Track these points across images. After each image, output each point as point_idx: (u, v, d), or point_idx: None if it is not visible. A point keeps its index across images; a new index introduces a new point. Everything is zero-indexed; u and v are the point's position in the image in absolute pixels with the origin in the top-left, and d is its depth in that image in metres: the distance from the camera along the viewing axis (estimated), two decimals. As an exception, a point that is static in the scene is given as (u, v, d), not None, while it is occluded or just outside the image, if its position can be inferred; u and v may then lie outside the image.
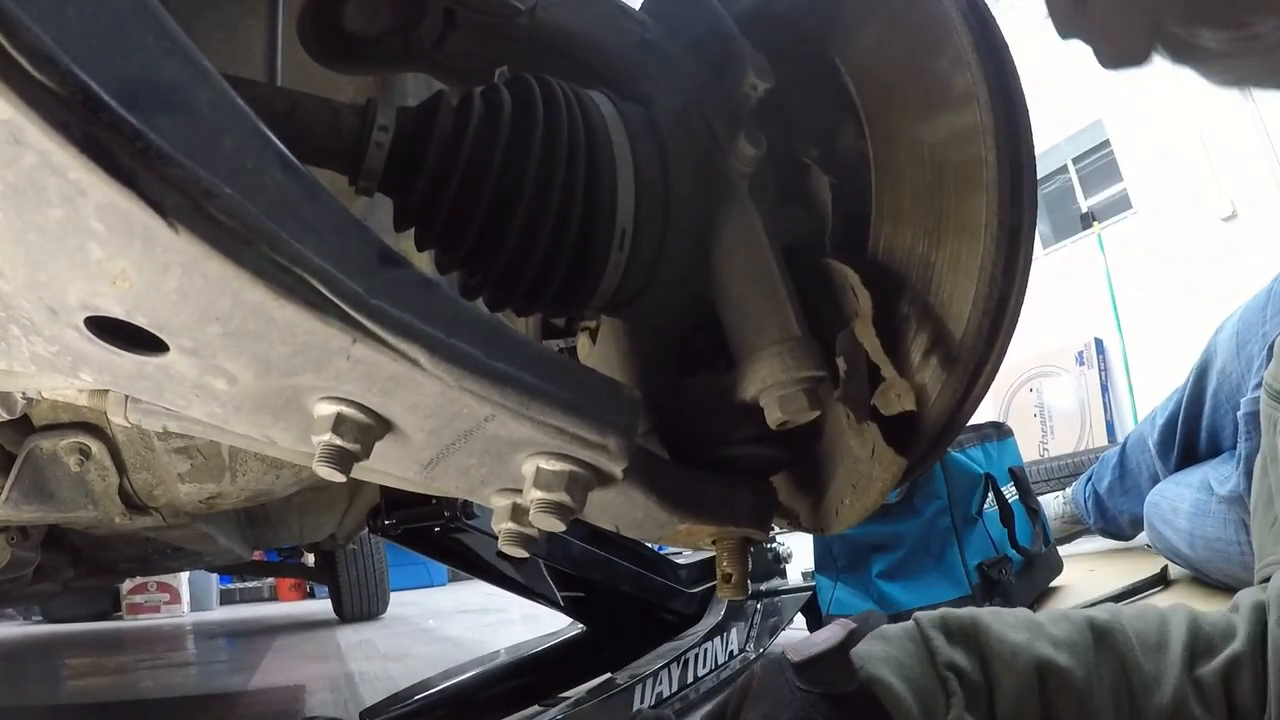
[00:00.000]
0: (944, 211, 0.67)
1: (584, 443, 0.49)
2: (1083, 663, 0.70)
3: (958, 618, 0.73)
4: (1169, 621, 0.75)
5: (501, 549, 0.55)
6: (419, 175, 0.60)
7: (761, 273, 0.66)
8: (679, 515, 0.61)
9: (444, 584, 6.60)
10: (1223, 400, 1.84)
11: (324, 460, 0.46)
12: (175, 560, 2.16)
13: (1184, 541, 1.81)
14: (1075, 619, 0.75)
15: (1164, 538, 1.91)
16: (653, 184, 0.65)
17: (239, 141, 0.40)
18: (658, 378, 0.73)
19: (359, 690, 2.29)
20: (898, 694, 0.67)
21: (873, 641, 0.71)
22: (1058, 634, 0.72)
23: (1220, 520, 1.67)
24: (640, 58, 0.70)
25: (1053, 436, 7.08)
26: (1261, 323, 1.66)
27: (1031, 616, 0.76)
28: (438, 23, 0.66)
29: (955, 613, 0.74)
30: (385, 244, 0.45)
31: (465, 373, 0.45)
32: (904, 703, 0.66)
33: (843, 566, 1.93)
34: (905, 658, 0.70)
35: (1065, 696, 0.69)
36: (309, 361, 0.43)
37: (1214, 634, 0.73)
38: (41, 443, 1.25)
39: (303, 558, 4.37)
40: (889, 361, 0.64)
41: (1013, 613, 0.76)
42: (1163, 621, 0.75)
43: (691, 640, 1.86)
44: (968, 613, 0.74)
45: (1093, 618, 0.74)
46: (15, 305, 0.45)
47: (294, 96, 0.59)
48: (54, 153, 0.35)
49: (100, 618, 5.91)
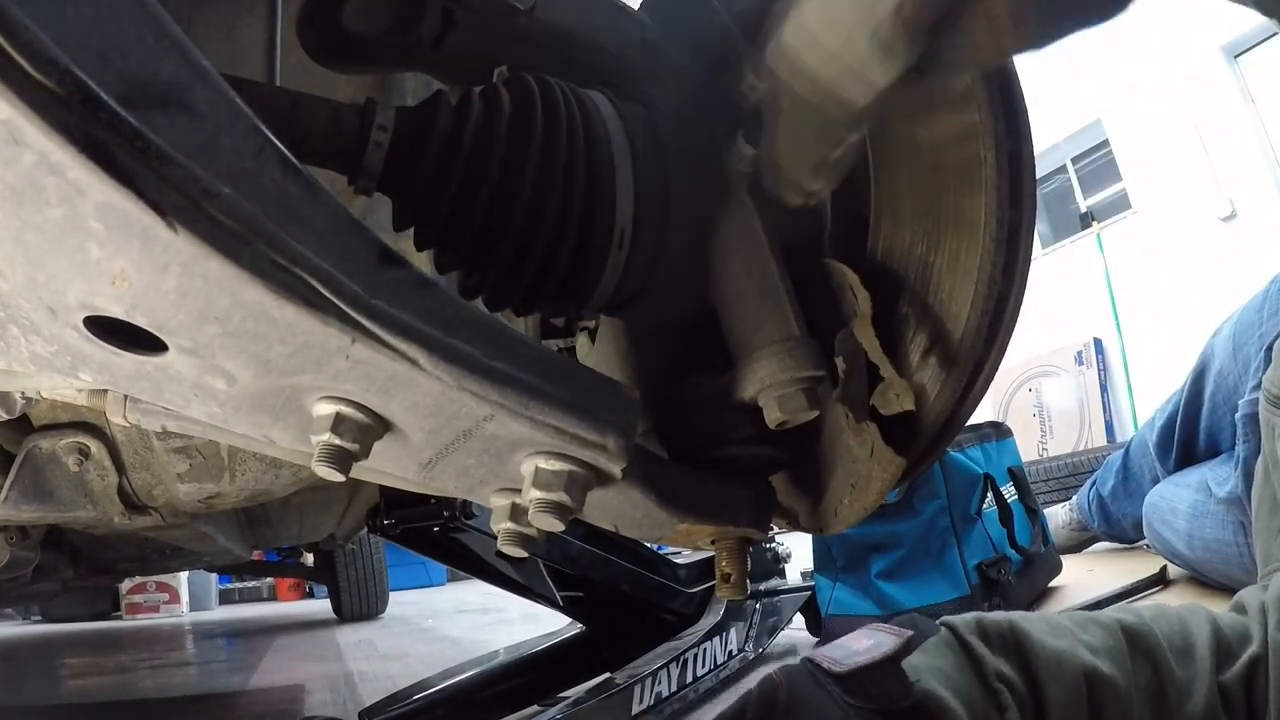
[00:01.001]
0: (943, 211, 0.67)
1: (583, 442, 0.49)
2: (1124, 671, 0.67)
3: (995, 624, 0.69)
4: (1190, 624, 0.72)
5: (501, 549, 0.55)
6: (418, 175, 0.60)
7: (760, 272, 0.66)
8: (678, 515, 0.61)
9: (443, 584, 6.60)
10: (1220, 402, 1.84)
11: (323, 460, 0.46)
12: (174, 560, 2.16)
13: (1182, 542, 1.81)
14: (1105, 622, 0.71)
15: (1162, 538, 1.91)
16: (652, 184, 0.65)
17: (238, 141, 0.40)
18: (657, 377, 0.73)
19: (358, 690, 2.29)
20: (951, 710, 0.62)
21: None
22: (1095, 641, 0.69)
23: (1218, 521, 1.67)
24: (639, 57, 0.70)
25: (1052, 436, 7.09)
26: (1258, 325, 1.67)
27: (1061, 620, 0.72)
28: (436, 22, 0.66)
29: (991, 618, 0.70)
30: (384, 244, 0.45)
31: (464, 372, 0.45)
32: (959, 718, 0.62)
33: (842, 566, 1.93)
34: (950, 669, 0.65)
35: (1110, 705, 0.66)
36: (308, 361, 0.43)
37: (1233, 637, 0.71)
38: (40, 442, 1.25)
39: (302, 557, 4.37)
40: (888, 361, 0.64)
41: (1043, 617, 0.72)
42: (1184, 624, 0.72)
43: (690, 640, 1.86)
44: (1004, 619, 0.70)
45: (1123, 621, 0.72)
46: (14, 305, 0.45)
47: (293, 96, 0.59)
48: (53, 152, 0.35)
49: (99, 617, 5.91)
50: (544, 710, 1.65)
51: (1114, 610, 0.75)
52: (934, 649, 0.67)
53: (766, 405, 0.64)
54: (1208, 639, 0.70)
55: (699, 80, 0.69)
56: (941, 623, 0.70)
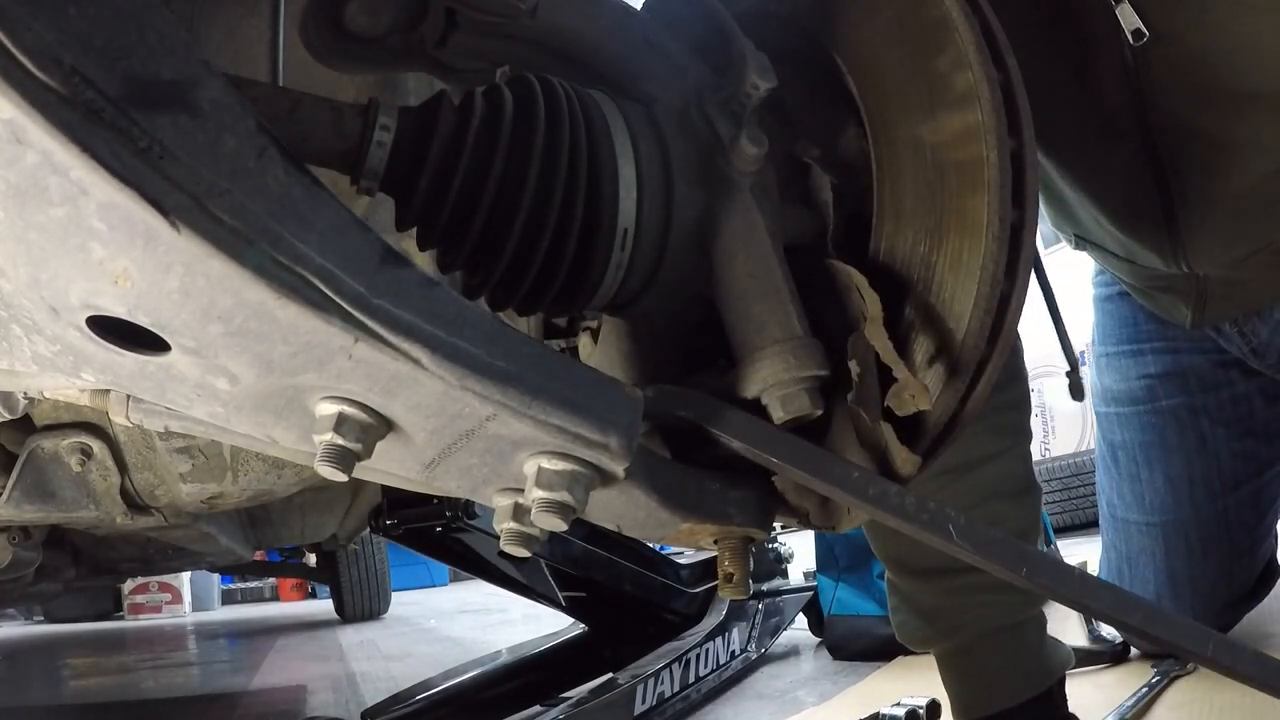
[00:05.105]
0: (946, 211, 0.67)
1: (586, 442, 0.49)
2: None
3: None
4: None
5: (503, 549, 0.55)
6: (421, 175, 0.60)
7: (763, 272, 0.66)
8: (681, 515, 0.61)
9: (445, 584, 6.61)
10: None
11: (326, 460, 0.46)
12: (177, 560, 2.16)
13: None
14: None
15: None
16: (655, 184, 0.65)
17: (241, 141, 0.40)
18: (659, 377, 0.73)
19: (360, 690, 2.30)
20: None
21: None
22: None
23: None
24: (641, 57, 0.70)
25: (1054, 436, 7.07)
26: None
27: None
28: (440, 22, 0.66)
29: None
30: (387, 243, 0.45)
31: (467, 372, 0.45)
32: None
33: (845, 567, 1.93)
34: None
35: None
36: (311, 361, 0.43)
37: None
38: (43, 442, 1.26)
39: (304, 558, 4.38)
40: (902, 363, 0.64)
41: None
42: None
43: (693, 640, 1.86)
44: None
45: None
46: (17, 304, 0.45)
47: (296, 96, 0.59)
48: (56, 152, 0.35)
49: (102, 617, 5.92)
50: (546, 710, 1.65)
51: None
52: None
53: (770, 404, 0.64)
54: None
55: (701, 80, 0.69)
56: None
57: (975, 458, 0.99)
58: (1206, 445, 1.56)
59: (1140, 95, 1.08)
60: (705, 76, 0.69)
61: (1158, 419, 1.59)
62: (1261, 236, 1.18)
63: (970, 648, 1.05)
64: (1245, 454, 1.55)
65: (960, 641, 1.05)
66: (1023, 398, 1.08)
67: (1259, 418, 1.55)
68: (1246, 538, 1.58)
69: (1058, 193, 1.32)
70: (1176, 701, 1.41)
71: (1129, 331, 1.63)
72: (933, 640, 1.07)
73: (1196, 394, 1.56)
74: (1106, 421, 1.67)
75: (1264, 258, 1.20)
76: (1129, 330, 1.63)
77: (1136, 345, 1.61)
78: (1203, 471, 1.55)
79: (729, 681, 1.86)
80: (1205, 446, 1.56)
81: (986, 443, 1.00)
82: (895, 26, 0.70)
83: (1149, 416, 1.60)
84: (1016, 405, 1.07)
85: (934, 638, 1.07)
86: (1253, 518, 1.58)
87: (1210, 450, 1.55)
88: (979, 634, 1.03)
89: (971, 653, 1.05)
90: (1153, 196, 1.16)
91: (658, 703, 1.65)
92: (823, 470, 0.61)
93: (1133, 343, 1.62)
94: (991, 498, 1.02)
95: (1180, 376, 1.57)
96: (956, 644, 1.05)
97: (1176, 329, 1.52)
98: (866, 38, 0.72)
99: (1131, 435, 1.62)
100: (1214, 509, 1.55)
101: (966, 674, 1.07)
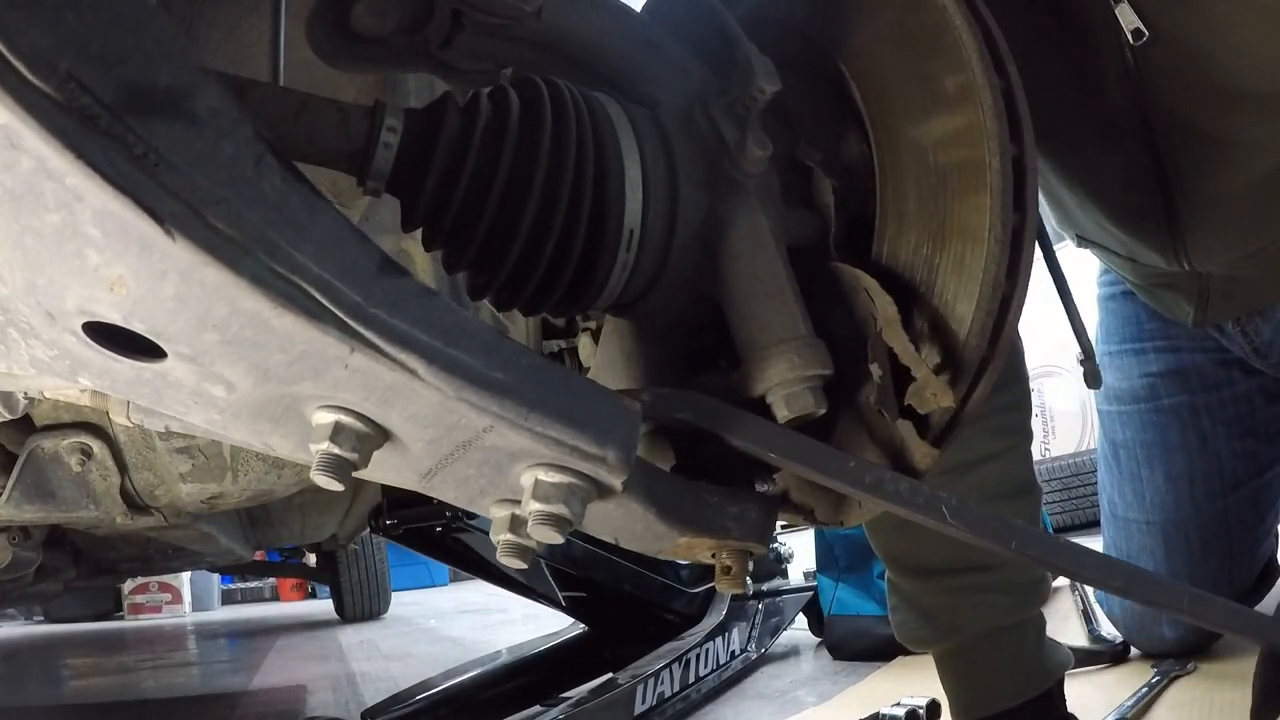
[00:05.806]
0: (947, 214, 0.67)
1: (583, 454, 0.49)
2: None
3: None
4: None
5: (500, 560, 0.55)
6: (427, 176, 0.60)
7: (768, 273, 0.66)
8: (679, 528, 0.60)
9: (445, 584, 6.60)
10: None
11: (322, 469, 0.46)
12: (177, 560, 2.16)
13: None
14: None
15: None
16: (660, 185, 0.65)
17: (238, 148, 0.40)
18: (663, 377, 0.73)
19: (360, 690, 2.30)
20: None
21: None
22: None
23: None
24: (645, 60, 0.70)
25: (1054, 436, 7.06)
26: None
27: None
28: (445, 24, 0.65)
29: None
30: (385, 253, 0.44)
31: (464, 383, 0.44)
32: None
33: (845, 567, 1.93)
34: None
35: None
36: (307, 370, 0.43)
37: None
38: (43, 442, 1.25)
39: (304, 558, 4.38)
40: (923, 363, 0.65)
41: None
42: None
43: (693, 640, 1.86)
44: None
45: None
46: (14, 309, 0.45)
47: (302, 98, 0.58)
48: (50, 158, 0.35)
49: (102, 617, 5.92)
50: (546, 710, 1.66)
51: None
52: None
53: (775, 404, 0.64)
54: None
55: (704, 83, 0.69)
56: None
57: (976, 458, 0.99)
58: (1208, 444, 1.56)
59: (1140, 95, 1.08)
60: (708, 79, 0.69)
61: (1159, 417, 1.59)
62: (1263, 235, 1.18)
63: (970, 648, 1.05)
64: (1246, 453, 1.56)
65: (960, 642, 1.05)
66: (1023, 398, 1.08)
67: (1260, 417, 1.55)
68: (1246, 537, 1.58)
69: (1057, 194, 1.32)
70: (1176, 701, 1.41)
71: (1132, 330, 1.63)
72: (932, 640, 1.07)
73: (1198, 393, 1.56)
74: (1109, 420, 1.67)
75: (1265, 256, 1.20)
76: (1132, 329, 1.63)
77: (1139, 344, 1.62)
78: (1203, 471, 1.56)
79: (729, 681, 1.86)
80: (1206, 445, 1.56)
81: (987, 443, 1.00)
82: (896, 30, 0.70)
83: (1151, 415, 1.60)
84: (1017, 406, 1.07)
85: (933, 638, 1.07)
86: (1253, 517, 1.58)
87: (1211, 449, 1.56)
88: (978, 634, 1.03)
89: (971, 653, 1.05)
90: (1154, 195, 1.16)
91: (658, 703, 1.65)
92: (820, 463, 0.61)
93: (1136, 341, 1.62)
94: (992, 498, 1.01)
95: (1182, 375, 1.57)
96: (956, 644, 1.05)
97: (1179, 328, 1.52)
98: (867, 41, 0.72)
99: (1133, 434, 1.62)
100: (1214, 508, 1.55)
101: (966, 674, 1.07)
